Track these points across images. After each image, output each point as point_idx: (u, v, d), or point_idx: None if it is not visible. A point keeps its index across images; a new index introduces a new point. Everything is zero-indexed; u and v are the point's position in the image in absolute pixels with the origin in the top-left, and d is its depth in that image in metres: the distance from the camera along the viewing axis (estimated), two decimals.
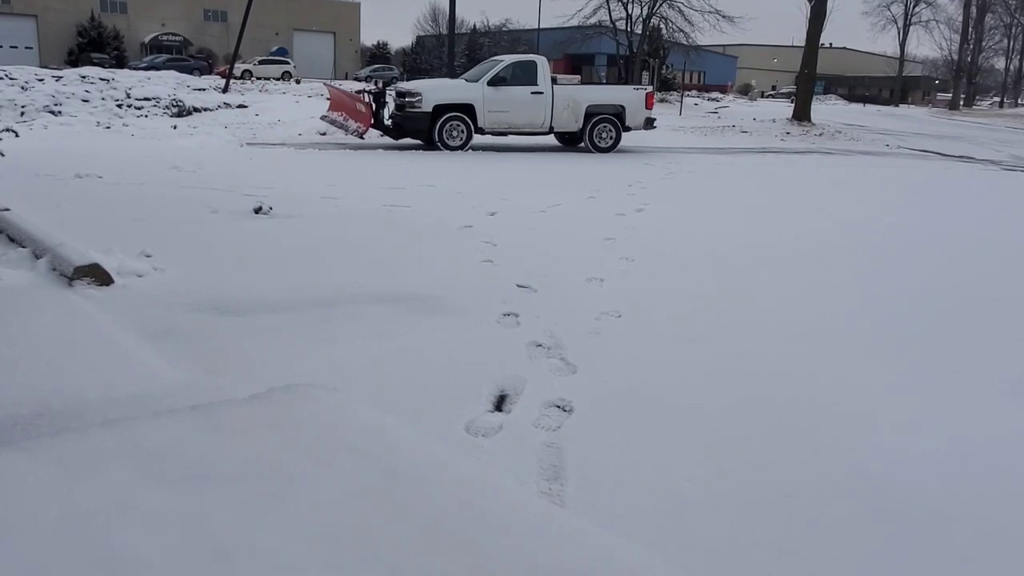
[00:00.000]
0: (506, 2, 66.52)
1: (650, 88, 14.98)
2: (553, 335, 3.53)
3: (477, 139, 13.32)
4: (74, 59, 41.49)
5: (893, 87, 64.57)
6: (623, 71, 45.37)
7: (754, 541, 2.01)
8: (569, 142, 14.70)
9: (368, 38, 70.67)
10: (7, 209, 4.97)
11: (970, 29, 57.22)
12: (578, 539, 1.41)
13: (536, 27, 59.22)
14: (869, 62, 74.73)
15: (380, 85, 14.45)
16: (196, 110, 16.57)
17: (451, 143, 13.01)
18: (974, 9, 56.02)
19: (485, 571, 1.27)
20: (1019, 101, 67.69)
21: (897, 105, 56.35)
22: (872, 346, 3.61)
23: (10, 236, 4.55)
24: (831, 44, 66.73)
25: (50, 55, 43.26)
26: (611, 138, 14.02)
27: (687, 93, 37.83)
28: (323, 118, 15.03)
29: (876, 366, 3.35)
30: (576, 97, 13.83)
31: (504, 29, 61.52)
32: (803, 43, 26.30)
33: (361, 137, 13.66)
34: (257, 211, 6.07)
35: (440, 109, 12.94)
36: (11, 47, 42.99)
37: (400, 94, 13.43)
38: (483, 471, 1.81)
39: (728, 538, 2.02)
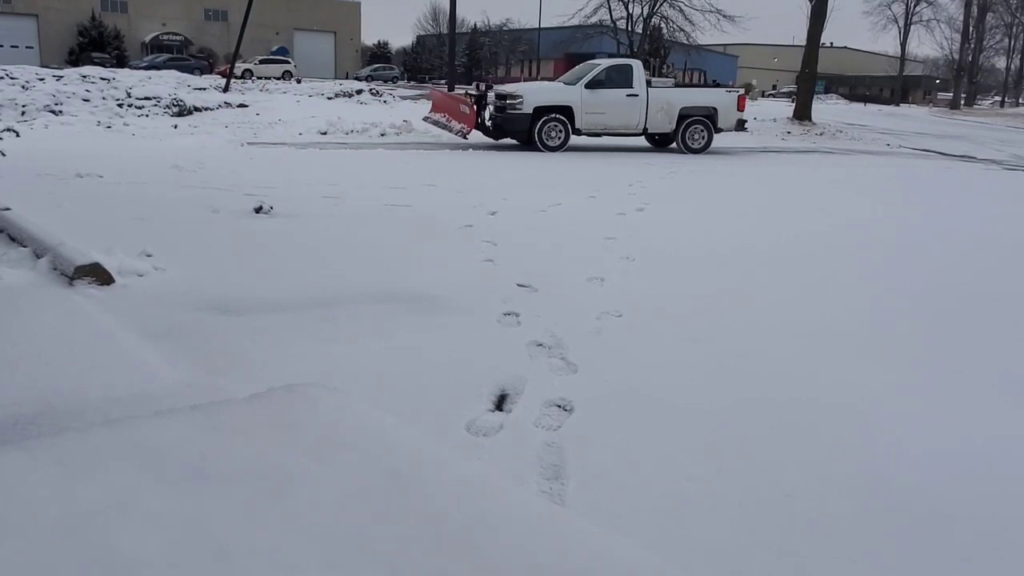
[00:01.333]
0: (507, 2, 66.51)
1: (742, 90, 15.28)
2: (554, 335, 3.53)
3: (475, 139, 13.32)
4: (75, 59, 41.54)
5: (894, 86, 64.56)
6: None
7: (754, 541, 2.01)
8: (659, 143, 15.10)
9: (369, 38, 70.72)
10: (8, 208, 4.98)
11: (971, 28, 57.19)
12: (579, 538, 1.41)
13: (537, 27, 59.27)
14: (870, 61, 74.73)
15: (483, 88, 15.02)
16: (197, 109, 16.58)
17: (550, 143, 13.53)
18: (975, 8, 56.00)
19: (486, 570, 1.27)
20: (1020, 100, 67.64)
21: (898, 104, 56.34)
22: (873, 346, 3.61)
23: (11, 235, 4.55)
24: (832, 43, 66.74)
25: (51, 55, 43.29)
26: (703, 139, 14.40)
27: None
28: (425, 119, 15.69)
29: (877, 366, 3.35)
30: (670, 99, 14.21)
31: (505, 29, 61.53)
32: (804, 42, 26.28)
33: (464, 137, 14.18)
34: (258, 211, 6.08)
35: (540, 111, 13.48)
36: (12, 47, 43.01)
37: (501, 96, 13.98)
38: (484, 471, 1.81)
39: (728, 538, 2.02)
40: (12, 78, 15.83)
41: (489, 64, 59.93)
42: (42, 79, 16.09)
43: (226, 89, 20.01)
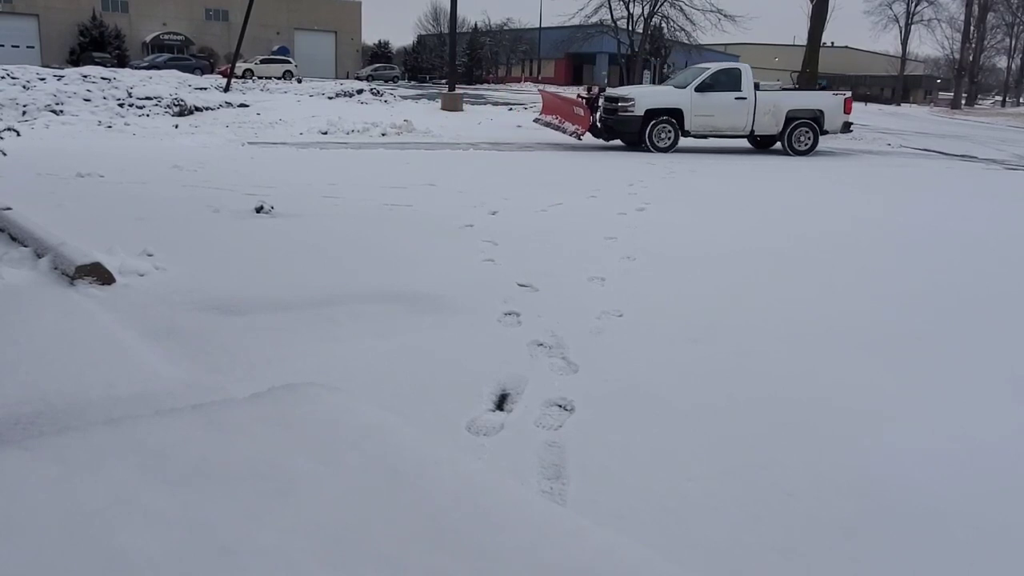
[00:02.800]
0: (508, 1, 66.50)
1: (848, 93, 15.55)
2: (554, 334, 3.53)
3: (480, 139, 13.31)
4: (76, 58, 41.56)
5: (895, 86, 64.50)
6: (624, 70, 45.34)
7: (756, 540, 2.01)
8: (761, 145, 15.45)
9: (369, 37, 70.74)
10: (9, 208, 4.98)
11: (972, 28, 57.16)
12: (580, 538, 1.41)
13: (538, 26, 59.28)
14: (871, 61, 74.68)
15: (596, 91, 15.43)
16: (197, 109, 16.58)
17: (659, 144, 13.98)
18: (976, 8, 55.96)
19: (487, 569, 1.27)
20: (1021, 100, 67.59)
21: (899, 104, 56.29)
22: (874, 345, 3.61)
23: (12, 235, 4.55)
24: (833, 43, 66.68)
25: (52, 54, 43.32)
26: (809, 141, 14.69)
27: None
28: (536, 121, 16.35)
29: (878, 365, 3.34)
30: (777, 102, 14.59)
31: (505, 28, 61.52)
32: (805, 42, 26.27)
33: (579, 139, 14.60)
34: (259, 210, 6.08)
35: (651, 113, 13.90)
36: (13, 46, 43.04)
37: (612, 99, 14.37)
38: (485, 470, 1.81)
39: (730, 537, 2.02)
40: (13, 78, 15.84)
41: (490, 64, 59.90)
42: (43, 79, 16.09)
43: (227, 89, 20.02)
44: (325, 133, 15.17)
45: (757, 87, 14.57)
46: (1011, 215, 8.24)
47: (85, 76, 16.84)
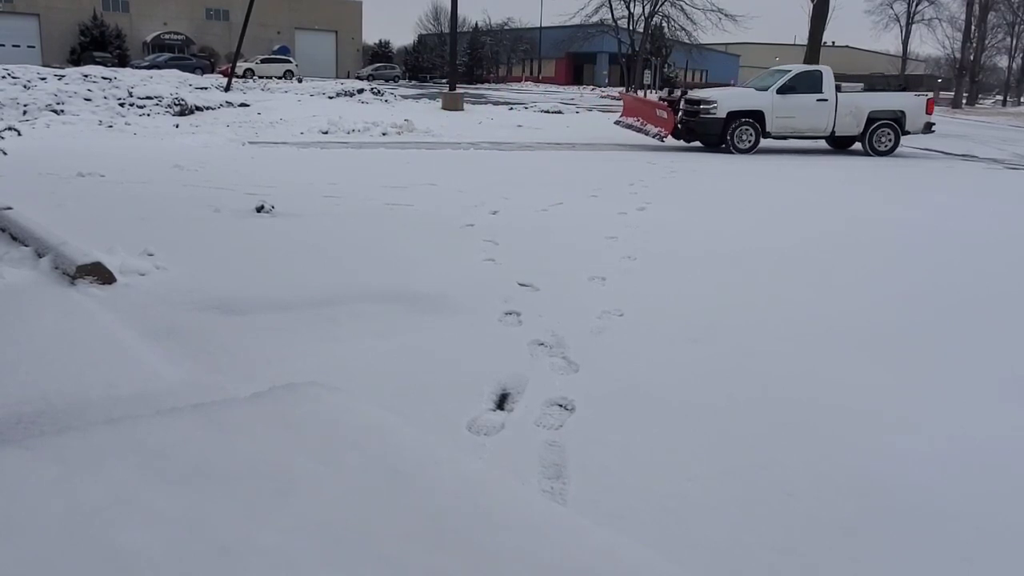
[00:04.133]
0: (508, 1, 66.44)
1: (930, 94, 15.67)
2: (555, 334, 3.53)
3: (480, 138, 13.32)
4: (76, 58, 41.58)
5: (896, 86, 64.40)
6: (625, 70, 45.31)
7: (756, 540, 2.01)
8: (839, 145, 15.59)
9: (370, 37, 70.71)
10: (10, 208, 4.98)
11: (973, 27, 57.07)
12: (580, 537, 1.41)
13: (538, 26, 59.28)
14: (872, 60, 74.60)
15: (678, 94, 15.81)
16: (198, 109, 16.57)
17: (740, 146, 14.30)
18: (977, 7, 55.88)
19: (487, 569, 1.27)
20: (1022, 99, 67.54)
21: None
22: (874, 345, 3.61)
23: (12, 235, 4.55)
24: (834, 42, 66.70)
25: (52, 54, 43.33)
26: (890, 142, 14.84)
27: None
28: (617, 123, 16.65)
29: (878, 365, 3.34)
30: (859, 103, 14.71)
31: (506, 28, 61.52)
32: (805, 41, 26.27)
33: (662, 140, 14.89)
34: (259, 210, 6.08)
35: (733, 115, 14.21)
36: (14, 46, 43.05)
37: (694, 101, 14.59)
38: (485, 470, 1.81)
39: (730, 537, 2.02)
40: (14, 77, 15.83)
41: (490, 63, 59.88)
42: (44, 78, 16.09)
43: (227, 88, 20.01)
44: (326, 133, 15.16)
45: (839, 89, 14.77)
46: (1012, 215, 8.23)
47: (86, 76, 16.84)
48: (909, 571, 1.93)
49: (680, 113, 14.74)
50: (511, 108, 23.86)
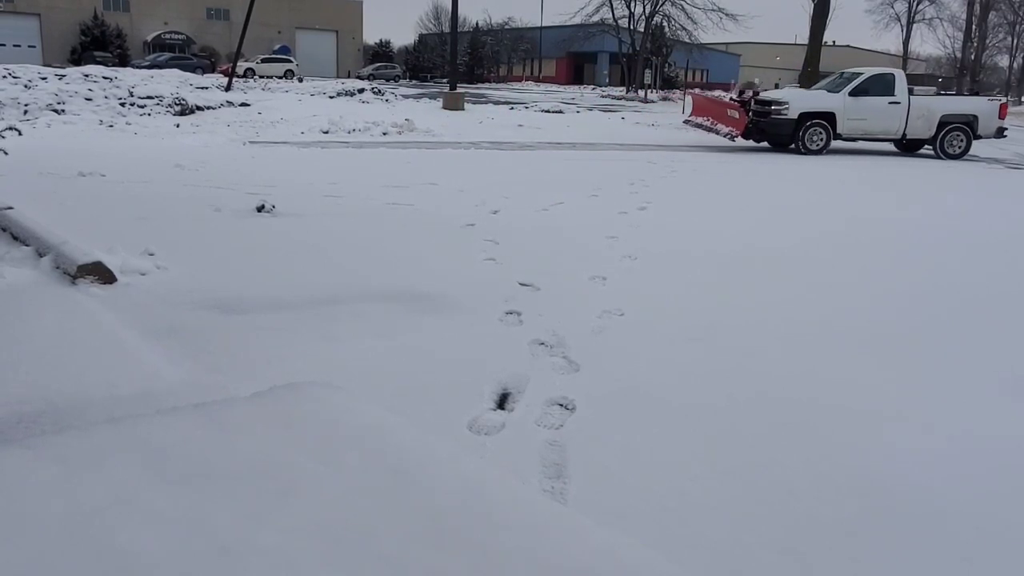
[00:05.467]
0: (509, 0, 66.37)
1: (1004, 99, 16.02)
2: (556, 333, 3.53)
3: (480, 138, 13.32)
4: (77, 58, 41.58)
5: None
6: (626, 69, 45.29)
7: (756, 539, 2.01)
8: (908, 148, 15.71)
9: (370, 36, 70.68)
10: (10, 207, 4.98)
11: (974, 27, 57.04)
12: (581, 537, 1.41)
13: (539, 25, 59.27)
14: (872, 60, 74.50)
15: (750, 95, 16.18)
16: (199, 108, 16.58)
17: (811, 147, 14.55)
18: (978, 7, 55.84)
19: (488, 569, 1.27)
20: (1022, 99, 67.48)
21: None
22: (875, 345, 3.61)
23: (13, 234, 4.56)
24: (834, 42, 66.59)
25: (53, 54, 43.33)
26: (961, 145, 14.95)
27: (689, 91, 37.76)
28: (686, 122, 17.09)
29: (879, 365, 3.34)
30: (931, 107, 14.83)
31: (506, 27, 61.51)
32: (806, 41, 26.26)
33: (733, 140, 15.27)
34: (260, 209, 6.08)
35: (804, 116, 14.46)
36: (14, 46, 43.06)
37: (765, 102, 14.94)
38: (486, 469, 1.81)
39: (731, 536, 2.02)
40: (15, 77, 15.83)
41: (491, 63, 59.87)
42: (44, 78, 16.09)
43: (228, 88, 20.02)
44: (326, 132, 15.16)
45: (911, 92, 14.90)
46: (1013, 214, 8.23)
47: (86, 75, 16.84)
48: (909, 571, 1.93)
49: (750, 113, 14.98)
50: (512, 108, 23.86)
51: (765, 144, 15.39)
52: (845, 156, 14.98)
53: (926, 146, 15.16)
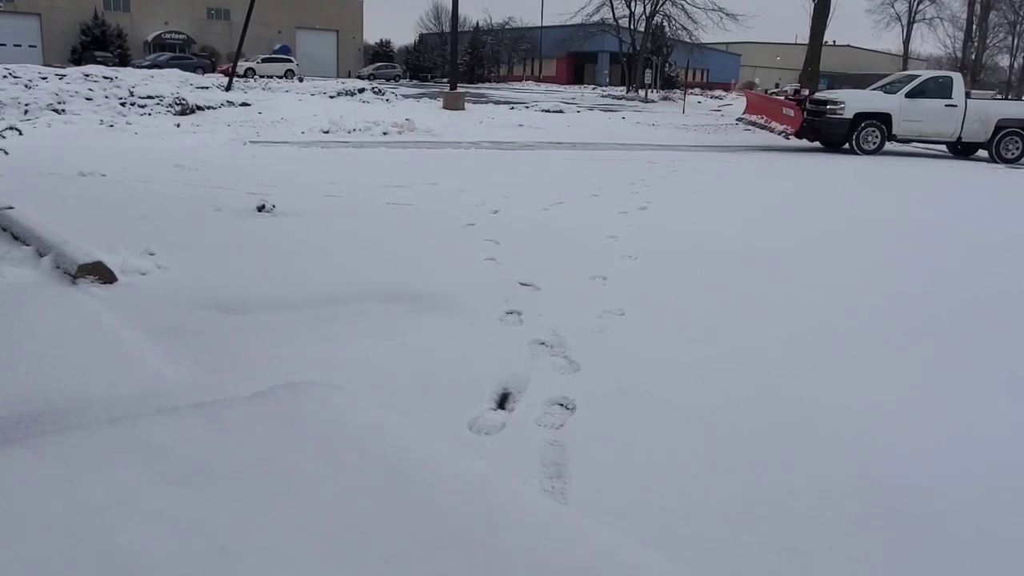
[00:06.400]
0: (509, 0, 66.31)
1: None
2: (556, 333, 3.53)
3: (480, 138, 13.31)
4: (77, 57, 41.57)
5: None
6: (626, 69, 45.29)
7: (758, 539, 2.01)
8: (963, 152, 15.92)
9: (371, 36, 70.69)
10: (11, 207, 4.98)
11: (974, 27, 57.01)
12: (582, 537, 1.41)
13: (539, 25, 59.26)
14: (873, 60, 74.55)
15: (805, 94, 16.60)
16: (199, 108, 16.58)
17: (866, 147, 14.85)
18: (978, 6, 55.82)
19: (489, 568, 1.27)
20: (1022, 98, 67.43)
21: None
22: (876, 345, 3.61)
23: (14, 234, 4.56)
24: (835, 42, 66.61)
25: (53, 53, 43.33)
26: (1017, 150, 15.16)
27: (690, 91, 37.78)
28: (739, 120, 17.54)
29: (880, 365, 3.34)
30: (988, 111, 15.13)
31: (507, 27, 61.49)
32: (806, 40, 26.25)
33: (787, 138, 15.51)
34: (260, 209, 6.08)
35: (860, 116, 14.74)
36: (15, 45, 43.06)
37: (821, 102, 15.20)
38: (486, 469, 1.81)
39: (732, 536, 2.02)
40: (15, 77, 15.83)
41: (491, 63, 59.86)
42: (45, 78, 16.09)
43: (228, 88, 20.02)
44: (327, 132, 15.17)
45: (969, 95, 15.12)
46: (1013, 214, 8.23)
47: (87, 75, 16.84)
48: (910, 571, 1.93)
49: (804, 112, 15.13)
50: (512, 107, 23.86)
51: (768, 144, 15.42)
52: (845, 156, 14.99)
53: (981, 150, 15.34)
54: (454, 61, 24.85)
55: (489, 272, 4.63)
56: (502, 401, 2.81)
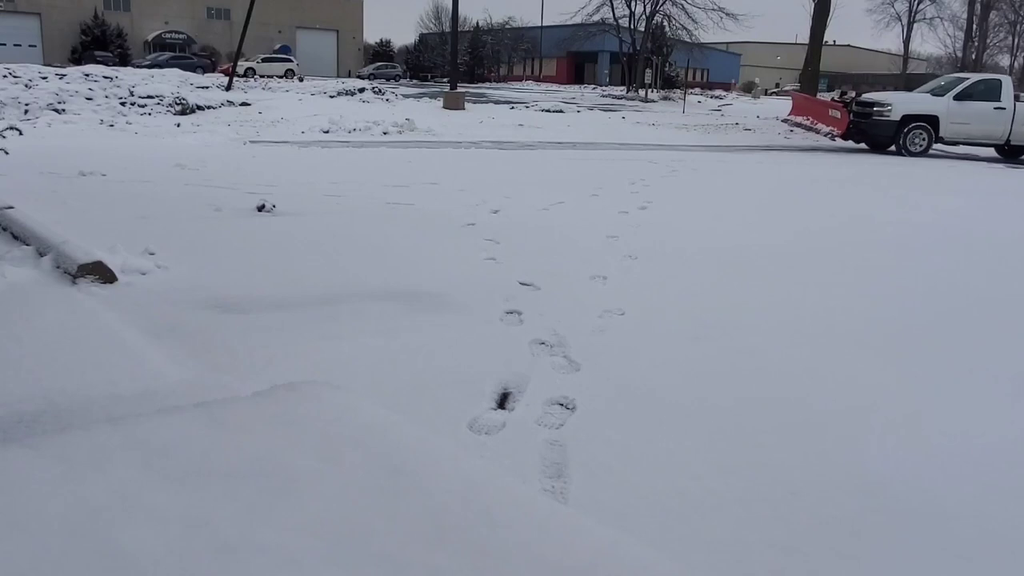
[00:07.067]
0: (509, 0, 66.25)
1: None
2: (556, 333, 3.53)
3: (480, 138, 13.31)
4: (78, 57, 41.57)
5: (897, 85, 64.33)
6: (627, 69, 45.29)
7: (758, 538, 2.01)
8: (1010, 154, 16.11)
9: (371, 36, 70.73)
10: (11, 207, 4.98)
11: (974, 26, 56.99)
12: (582, 536, 1.41)
13: (539, 25, 59.26)
14: (873, 59, 74.54)
15: (851, 96, 16.81)
16: (199, 108, 16.59)
17: (913, 149, 14.99)
18: (978, 6, 55.80)
19: (489, 568, 1.27)
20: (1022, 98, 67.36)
21: None
22: (876, 344, 3.61)
23: (14, 234, 4.56)
24: (835, 41, 66.59)
25: (54, 53, 43.34)
26: None
27: (690, 91, 37.76)
28: (784, 121, 17.83)
29: (880, 364, 3.34)
30: None
31: (507, 27, 61.47)
32: (807, 40, 26.23)
33: (833, 140, 15.77)
34: (260, 209, 6.08)
35: (907, 119, 14.90)
36: (15, 45, 43.07)
37: (867, 104, 15.45)
38: (486, 469, 1.81)
39: (732, 535, 2.02)
40: (15, 76, 15.85)
41: (491, 62, 59.84)
42: (45, 77, 16.10)
43: (229, 87, 20.03)
44: (327, 132, 15.17)
45: (1018, 98, 15.20)
46: (1013, 213, 8.23)
47: (87, 75, 16.85)
48: (911, 570, 1.93)
49: (851, 114, 15.33)
50: (512, 107, 23.86)
51: (773, 144, 15.43)
52: (845, 156, 14.98)
53: None
54: (454, 61, 24.86)
55: (489, 271, 4.63)
56: (502, 401, 2.81)
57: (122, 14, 47.48)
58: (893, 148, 15.17)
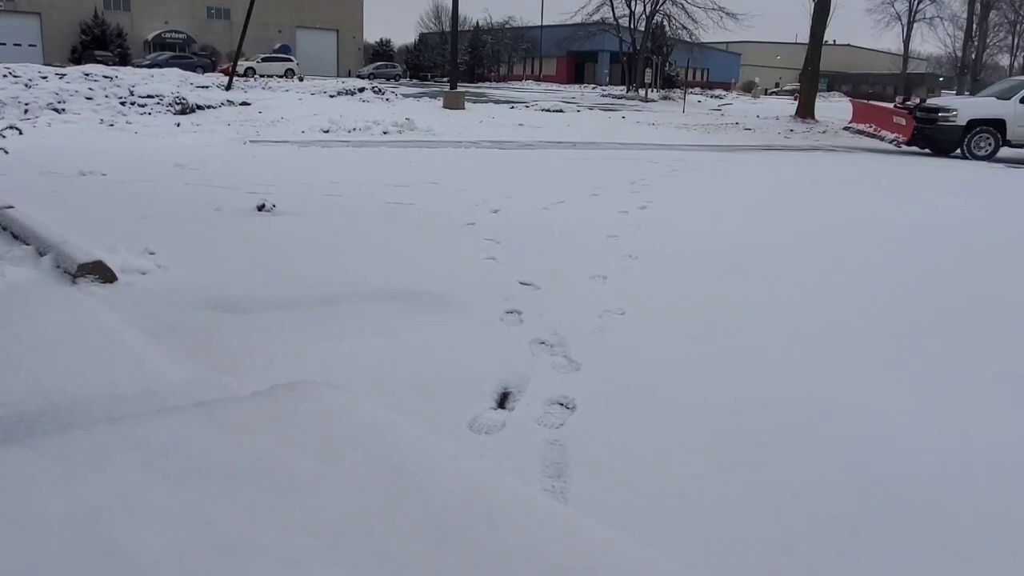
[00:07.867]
0: (509, 0, 66.22)
1: None
2: (556, 332, 3.53)
3: (480, 138, 13.32)
4: (78, 57, 41.59)
5: (897, 84, 64.34)
6: (627, 68, 45.30)
7: (758, 538, 2.01)
8: None
9: (371, 35, 70.74)
10: (11, 206, 4.98)
11: (974, 26, 56.94)
12: (582, 536, 1.41)
13: (539, 24, 59.26)
14: (873, 59, 74.54)
15: (917, 102, 17.07)
16: (199, 108, 16.58)
17: (978, 153, 15.08)
18: (978, 6, 55.75)
19: (489, 567, 1.27)
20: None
21: None
22: (876, 344, 3.61)
23: (14, 233, 4.56)
24: (835, 41, 66.60)
25: (54, 53, 43.35)
26: None
27: (690, 91, 37.76)
28: (846, 128, 18.06)
29: (880, 364, 3.34)
30: None
31: (507, 26, 61.47)
32: (807, 40, 26.21)
33: (899, 147, 15.88)
34: (260, 208, 6.08)
35: (973, 123, 14.98)
36: (15, 45, 43.08)
37: (932, 109, 15.53)
38: (486, 468, 1.81)
39: (732, 535, 2.02)
40: (15, 76, 15.84)
41: (491, 62, 59.84)
42: (45, 77, 16.10)
43: (228, 87, 20.03)
44: (327, 131, 15.17)
45: None
46: (1013, 213, 8.23)
47: (87, 74, 16.85)
48: (911, 570, 1.93)
49: (915, 120, 15.40)
50: (512, 107, 23.87)
51: (773, 144, 15.44)
52: (845, 156, 14.99)
53: None
54: (454, 60, 24.86)
55: (489, 271, 4.63)
56: (502, 400, 2.81)
57: (122, 14, 47.48)
58: (958, 152, 15.26)
